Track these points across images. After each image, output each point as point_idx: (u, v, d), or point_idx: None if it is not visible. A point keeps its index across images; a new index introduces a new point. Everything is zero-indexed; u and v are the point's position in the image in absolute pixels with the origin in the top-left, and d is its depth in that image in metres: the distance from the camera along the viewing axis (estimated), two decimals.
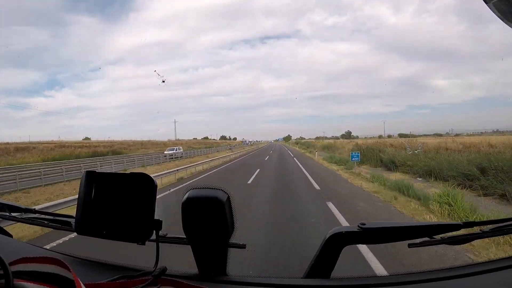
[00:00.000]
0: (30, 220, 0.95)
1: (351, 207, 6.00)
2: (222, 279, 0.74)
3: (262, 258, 3.23)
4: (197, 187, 0.73)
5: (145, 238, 0.65)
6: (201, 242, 0.73)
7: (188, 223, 0.71)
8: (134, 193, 0.66)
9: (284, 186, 9.06)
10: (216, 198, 0.70)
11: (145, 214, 0.65)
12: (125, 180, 0.67)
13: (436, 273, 0.69)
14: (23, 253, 0.57)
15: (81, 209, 0.69)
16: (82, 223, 0.69)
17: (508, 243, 3.43)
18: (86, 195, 0.69)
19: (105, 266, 0.82)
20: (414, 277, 0.70)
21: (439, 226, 0.72)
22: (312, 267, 0.73)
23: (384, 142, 20.91)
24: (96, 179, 0.69)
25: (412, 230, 0.74)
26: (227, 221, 0.70)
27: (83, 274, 0.62)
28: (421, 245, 0.73)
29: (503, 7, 0.66)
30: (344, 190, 8.21)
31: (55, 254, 0.86)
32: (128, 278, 0.65)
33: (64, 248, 2.62)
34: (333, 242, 0.72)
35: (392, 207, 6.11)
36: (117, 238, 0.66)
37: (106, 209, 0.67)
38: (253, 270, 2.86)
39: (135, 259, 0.95)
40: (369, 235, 0.72)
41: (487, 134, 42.86)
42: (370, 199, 6.99)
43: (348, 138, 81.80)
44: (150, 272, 0.67)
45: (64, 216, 0.92)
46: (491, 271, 0.67)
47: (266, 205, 6.36)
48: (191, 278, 0.72)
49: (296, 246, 3.57)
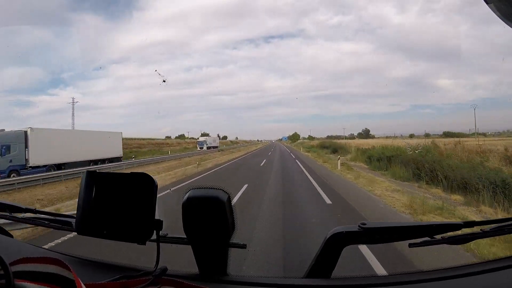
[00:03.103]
0: (30, 220, 0.95)
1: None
2: (223, 279, 0.74)
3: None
4: (197, 187, 0.73)
5: (146, 238, 0.65)
6: (202, 242, 0.73)
7: (189, 223, 0.71)
8: (135, 193, 0.66)
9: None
10: (217, 198, 0.69)
11: (146, 214, 0.65)
12: (125, 180, 0.67)
13: (436, 273, 0.69)
14: (24, 253, 0.57)
15: (81, 209, 0.69)
16: (83, 223, 0.69)
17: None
18: (86, 195, 0.69)
19: (105, 266, 0.82)
20: (414, 277, 0.70)
21: (439, 226, 0.72)
22: (313, 267, 0.72)
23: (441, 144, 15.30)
24: (96, 179, 0.69)
25: (412, 230, 0.74)
26: (228, 221, 0.70)
27: (84, 274, 0.62)
28: (422, 245, 0.72)
29: (503, 8, 0.66)
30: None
31: (55, 254, 0.86)
32: (128, 278, 0.65)
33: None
34: (333, 242, 0.72)
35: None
36: (117, 238, 0.66)
37: (107, 209, 0.67)
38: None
39: (136, 259, 0.95)
40: (369, 235, 0.72)
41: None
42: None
43: (366, 137, 66.02)
44: (151, 272, 0.67)
45: (64, 216, 0.92)
46: (491, 271, 0.67)
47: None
48: (192, 278, 0.72)
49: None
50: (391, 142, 22.45)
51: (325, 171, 13.10)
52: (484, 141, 15.84)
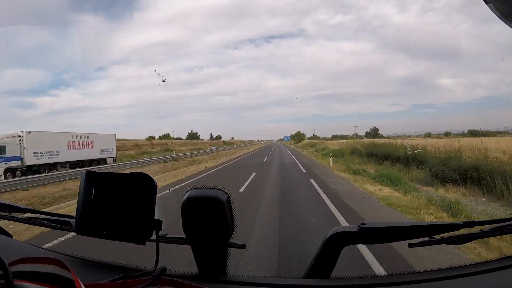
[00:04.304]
0: (30, 220, 0.95)
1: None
2: (222, 279, 0.74)
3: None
4: (197, 187, 0.73)
5: (145, 238, 0.65)
6: (201, 242, 0.73)
7: (188, 223, 0.71)
8: (134, 193, 0.66)
9: None
10: (216, 198, 0.69)
11: (145, 214, 0.65)
12: (125, 180, 0.67)
13: (436, 273, 0.69)
14: (23, 253, 0.57)
15: (81, 209, 0.68)
16: (82, 223, 0.69)
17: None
18: (86, 195, 0.69)
19: (105, 266, 0.82)
20: (414, 277, 0.70)
21: (439, 226, 0.72)
22: (312, 267, 0.72)
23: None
24: (96, 179, 0.69)
25: (412, 230, 0.74)
26: (227, 221, 0.70)
27: (83, 274, 0.62)
28: (421, 245, 0.72)
29: (503, 7, 0.66)
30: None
31: (55, 254, 0.86)
32: (128, 278, 0.65)
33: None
34: (333, 242, 0.72)
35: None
36: (117, 238, 0.66)
37: (106, 209, 0.67)
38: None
39: (135, 259, 0.95)
40: (369, 235, 0.72)
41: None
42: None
43: (374, 137, 59.52)
44: (150, 272, 0.67)
45: (64, 216, 0.92)
46: (491, 271, 0.67)
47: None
48: (191, 278, 0.72)
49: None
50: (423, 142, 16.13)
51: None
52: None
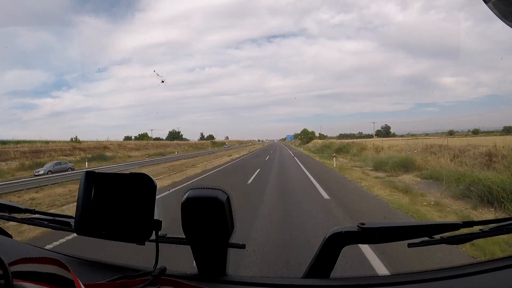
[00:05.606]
0: (29, 221, 0.95)
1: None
2: (222, 279, 0.74)
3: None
4: (196, 187, 0.73)
5: (145, 238, 0.65)
6: (201, 242, 0.73)
7: (188, 223, 0.71)
8: (134, 194, 0.66)
9: None
10: (216, 198, 0.69)
11: (145, 214, 0.65)
12: (124, 180, 0.67)
13: (436, 273, 0.69)
14: (23, 254, 0.57)
15: (80, 209, 0.68)
16: (82, 223, 0.69)
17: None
18: (85, 195, 0.68)
19: (104, 266, 0.82)
20: (414, 277, 0.70)
21: (438, 226, 0.72)
22: (312, 267, 0.72)
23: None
24: (95, 180, 0.69)
25: (411, 230, 0.74)
26: (227, 221, 0.70)
27: (83, 274, 0.62)
28: (421, 245, 0.72)
29: (502, 7, 0.66)
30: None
31: (54, 255, 0.86)
32: (127, 278, 0.65)
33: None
34: (332, 242, 0.72)
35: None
36: (116, 239, 0.66)
37: (106, 210, 0.67)
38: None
39: (135, 259, 0.95)
40: (368, 235, 0.72)
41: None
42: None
43: (386, 136, 55.75)
44: (150, 272, 0.67)
45: (63, 217, 0.92)
46: (491, 271, 0.67)
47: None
48: (191, 278, 0.72)
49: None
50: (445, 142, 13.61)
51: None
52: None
